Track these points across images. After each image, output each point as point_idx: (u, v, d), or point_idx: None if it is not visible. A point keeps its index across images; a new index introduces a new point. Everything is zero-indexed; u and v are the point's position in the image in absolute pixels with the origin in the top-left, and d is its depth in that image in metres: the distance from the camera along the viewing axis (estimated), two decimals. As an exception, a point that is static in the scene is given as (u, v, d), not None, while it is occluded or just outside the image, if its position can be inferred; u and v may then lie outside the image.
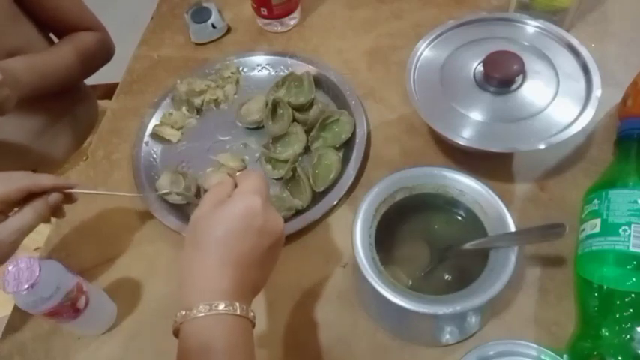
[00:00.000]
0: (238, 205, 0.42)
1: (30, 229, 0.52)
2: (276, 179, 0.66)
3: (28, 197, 0.53)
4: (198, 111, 0.76)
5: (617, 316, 0.46)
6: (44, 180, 0.54)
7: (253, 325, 0.42)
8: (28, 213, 0.52)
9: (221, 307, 0.39)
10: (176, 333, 0.41)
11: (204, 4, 0.86)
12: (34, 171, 0.85)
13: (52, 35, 0.87)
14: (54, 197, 0.54)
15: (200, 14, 0.84)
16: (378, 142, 0.69)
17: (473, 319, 0.51)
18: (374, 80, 0.76)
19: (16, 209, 0.53)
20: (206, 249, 0.41)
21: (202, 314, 0.39)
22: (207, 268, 0.41)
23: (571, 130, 0.56)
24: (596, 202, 0.52)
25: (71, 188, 0.57)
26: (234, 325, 0.40)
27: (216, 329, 0.39)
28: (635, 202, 0.49)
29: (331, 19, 0.86)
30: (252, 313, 0.42)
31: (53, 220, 0.68)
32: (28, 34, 0.80)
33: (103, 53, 0.88)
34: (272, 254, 0.44)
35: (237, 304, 0.40)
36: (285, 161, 0.66)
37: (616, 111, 0.66)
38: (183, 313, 0.40)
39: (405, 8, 0.84)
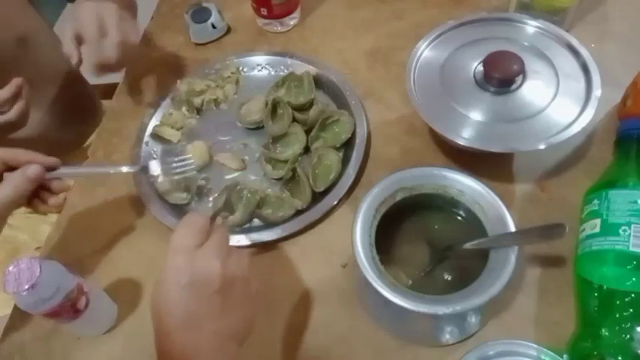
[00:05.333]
0: (165, 271, 0.41)
1: (10, 202, 0.52)
2: (276, 179, 0.66)
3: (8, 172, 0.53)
4: (198, 111, 0.76)
5: (617, 316, 0.46)
6: (19, 153, 0.54)
7: None
8: (4, 185, 0.52)
9: None
10: None
11: (204, 4, 0.86)
12: (51, 168, 0.85)
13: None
14: (32, 169, 0.53)
15: (200, 14, 0.84)
16: (378, 142, 0.69)
17: (473, 319, 0.51)
18: (374, 80, 0.76)
19: None
20: (153, 317, 0.41)
21: None
22: (159, 334, 0.40)
23: (571, 130, 0.56)
24: (596, 202, 0.52)
25: (53, 167, 0.55)
26: None
27: None
28: (635, 202, 0.49)
29: (331, 19, 0.86)
30: None
31: (53, 218, 0.69)
32: (34, 23, 0.80)
33: None
34: (226, 302, 0.41)
35: None
36: (285, 161, 0.66)
37: (616, 111, 0.66)
38: None
39: (405, 8, 0.84)
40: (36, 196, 0.56)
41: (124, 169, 0.62)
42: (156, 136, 0.73)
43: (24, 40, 0.76)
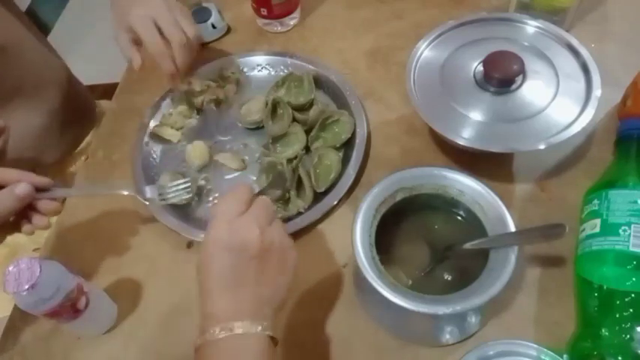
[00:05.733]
0: (206, 239, 0.44)
1: None
2: (276, 179, 0.66)
3: None
4: (198, 111, 0.76)
5: (617, 316, 0.46)
6: (10, 173, 0.53)
7: (273, 339, 0.42)
8: None
9: (216, 330, 0.41)
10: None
11: (204, 4, 0.86)
12: (32, 171, 0.84)
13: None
14: (20, 187, 0.51)
15: (200, 14, 0.84)
16: (378, 142, 0.69)
17: (473, 319, 0.51)
18: (374, 80, 0.76)
19: None
20: (198, 278, 0.44)
21: (199, 342, 0.41)
22: (203, 295, 0.43)
23: (571, 130, 0.56)
24: (596, 202, 0.52)
25: (44, 188, 0.54)
26: (239, 345, 0.41)
27: (222, 353, 0.41)
28: (635, 202, 0.49)
29: (331, 19, 0.86)
30: (259, 329, 0.41)
31: (53, 219, 0.69)
32: (16, 32, 0.79)
33: None
34: (263, 268, 0.44)
35: (239, 323, 0.41)
36: (288, 160, 0.66)
37: (616, 111, 0.66)
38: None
39: (405, 8, 0.84)
40: (24, 216, 0.54)
41: (120, 191, 0.62)
42: (156, 136, 0.73)
43: (4, 50, 0.76)
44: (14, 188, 0.51)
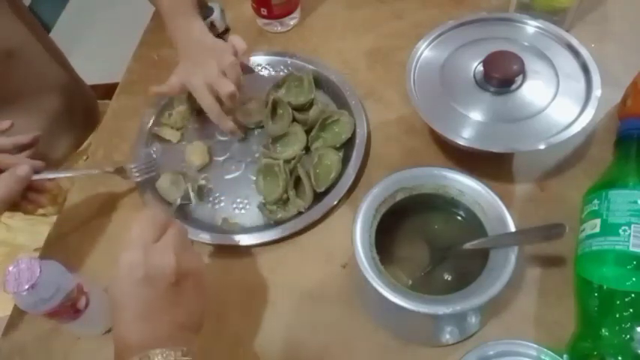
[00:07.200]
0: (120, 265, 0.42)
1: (1, 201, 0.52)
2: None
3: None
4: (198, 111, 0.76)
5: (617, 316, 0.46)
6: (4, 157, 0.55)
7: None
8: None
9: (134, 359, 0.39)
10: None
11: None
12: (35, 171, 0.84)
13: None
14: (21, 168, 0.53)
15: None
16: (378, 142, 0.69)
17: (473, 319, 0.51)
18: (374, 80, 0.76)
19: None
20: (114, 312, 0.42)
21: None
22: (118, 325, 0.42)
23: (571, 130, 0.56)
24: (596, 202, 0.52)
25: (38, 170, 0.56)
26: None
27: None
28: (635, 202, 0.49)
29: (331, 19, 0.86)
30: (179, 354, 0.40)
31: (53, 219, 0.69)
32: (23, 36, 0.80)
33: None
34: (180, 293, 0.43)
35: (157, 351, 0.39)
36: (287, 161, 0.66)
37: (616, 111, 0.66)
38: None
39: (405, 8, 0.84)
40: (24, 198, 0.57)
41: (106, 168, 0.65)
42: (156, 136, 0.73)
43: (11, 54, 0.76)
44: (15, 170, 0.53)
